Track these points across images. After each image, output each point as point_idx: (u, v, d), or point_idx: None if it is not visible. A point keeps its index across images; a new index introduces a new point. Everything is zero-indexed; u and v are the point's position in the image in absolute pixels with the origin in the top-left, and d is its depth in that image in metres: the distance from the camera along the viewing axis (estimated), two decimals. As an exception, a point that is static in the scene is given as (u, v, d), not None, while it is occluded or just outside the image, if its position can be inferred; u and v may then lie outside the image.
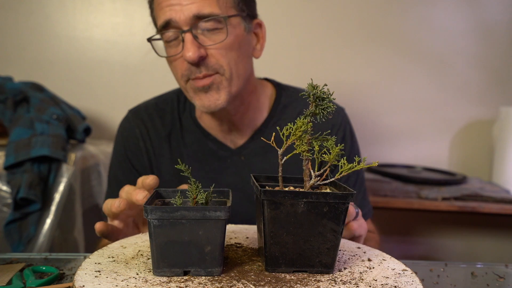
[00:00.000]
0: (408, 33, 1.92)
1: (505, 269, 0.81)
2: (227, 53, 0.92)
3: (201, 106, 0.94)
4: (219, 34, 0.91)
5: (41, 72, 1.84)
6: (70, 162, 1.36)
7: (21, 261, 0.75)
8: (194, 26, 0.90)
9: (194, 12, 0.88)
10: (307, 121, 0.59)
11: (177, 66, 0.94)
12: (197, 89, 0.93)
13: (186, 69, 0.92)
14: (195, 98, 0.95)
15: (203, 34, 0.91)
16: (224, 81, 0.93)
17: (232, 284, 0.54)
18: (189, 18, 0.89)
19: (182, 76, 0.94)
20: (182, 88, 0.98)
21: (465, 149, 1.98)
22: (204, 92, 0.93)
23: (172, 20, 0.89)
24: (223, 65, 0.92)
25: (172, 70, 0.98)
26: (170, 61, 0.96)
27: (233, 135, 1.06)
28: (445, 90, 1.95)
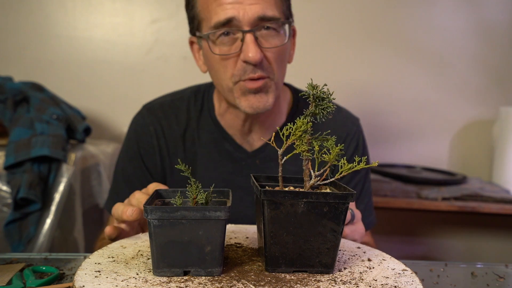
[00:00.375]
0: (408, 33, 1.92)
1: (505, 269, 0.81)
2: (279, 57, 0.93)
3: (248, 107, 0.93)
4: (276, 38, 0.92)
5: (41, 72, 1.84)
6: (70, 162, 1.36)
7: (21, 261, 0.75)
8: (256, 27, 0.89)
9: (259, 13, 0.88)
10: (307, 121, 0.59)
11: (228, 65, 0.92)
12: (247, 91, 0.92)
13: (240, 69, 0.91)
14: (242, 99, 0.93)
15: (261, 35, 0.90)
16: (273, 85, 0.94)
17: (232, 284, 0.54)
18: (253, 19, 0.88)
19: (233, 76, 0.92)
20: (226, 88, 0.95)
21: (465, 149, 1.98)
22: (254, 94, 0.92)
23: (235, 18, 0.88)
24: (274, 69, 0.93)
25: (219, 69, 0.94)
26: (219, 60, 0.93)
27: (251, 136, 1.05)
28: (445, 90, 1.95)
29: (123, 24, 1.87)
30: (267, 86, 0.93)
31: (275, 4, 0.91)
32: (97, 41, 1.87)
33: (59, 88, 1.72)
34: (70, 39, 1.86)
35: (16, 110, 1.43)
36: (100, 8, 1.85)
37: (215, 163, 1.04)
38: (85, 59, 1.87)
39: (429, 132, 1.97)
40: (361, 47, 1.92)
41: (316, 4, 1.88)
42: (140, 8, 1.86)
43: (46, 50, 1.86)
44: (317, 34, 1.90)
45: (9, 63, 1.85)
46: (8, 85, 1.47)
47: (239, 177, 1.03)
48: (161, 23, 1.87)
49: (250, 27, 0.88)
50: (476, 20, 1.91)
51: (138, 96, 1.89)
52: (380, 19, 1.91)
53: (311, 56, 1.91)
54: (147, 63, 1.88)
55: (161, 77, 1.89)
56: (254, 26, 0.89)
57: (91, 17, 1.85)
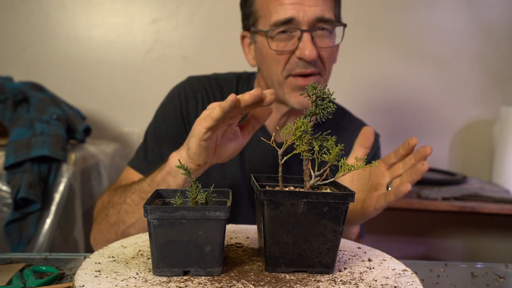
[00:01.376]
0: (408, 33, 1.92)
1: (505, 269, 0.81)
2: (331, 58, 0.99)
3: (298, 103, 0.96)
4: (330, 38, 0.98)
5: (41, 72, 1.84)
6: (70, 162, 1.36)
7: (21, 261, 0.75)
8: (314, 28, 0.94)
9: (318, 14, 0.93)
10: (307, 121, 0.59)
11: (281, 60, 0.96)
12: (296, 87, 0.96)
13: (292, 63, 0.95)
14: (292, 95, 0.97)
15: (317, 35, 0.95)
16: (323, 82, 0.98)
17: (231, 284, 0.54)
18: (312, 19, 0.93)
19: (284, 70, 0.96)
20: (277, 83, 0.98)
21: (465, 149, 1.98)
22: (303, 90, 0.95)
23: (295, 18, 0.93)
24: (325, 68, 0.98)
25: (271, 63, 0.98)
26: (272, 55, 0.97)
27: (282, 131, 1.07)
28: (445, 90, 1.95)
29: (123, 24, 1.87)
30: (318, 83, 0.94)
31: (331, 7, 0.97)
32: (97, 41, 1.87)
33: (59, 88, 1.72)
34: (70, 39, 1.86)
35: (16, 110, 1.43)
36: (100, 8, 1.85)
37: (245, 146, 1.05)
38: (85, 59, 1.87)
39: (429, 132, 1.97)
40: (361, 47, 1.92)
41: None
42: (140, 8, 1.86)
43: (46, 50, 1.86)
44: (317, 34, 1.90)
45: (9, 63, 1.85)
46: (8, 85, 1.47)
47: (262, 164, 1.07)
48: (161, 23, 1.87)
49: (308, 27, 0.93)
50: (476, 20, 1.91)
51: (138, 96, 1.90)
52: (380, 19, 1.91)
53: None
54: (147, 63, 1.88)
55: (161, 77, 1.89)
56: (311, 26, 0.94)
57: (91, 17, 1.85)
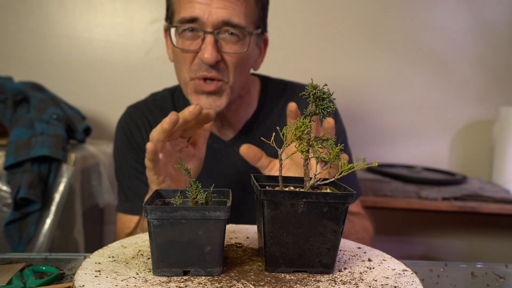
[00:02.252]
0: (408, 33, 1.92)
1: (505, 269, 0.81)
2: (238, 63, 0.96)
3: None
4: (237, 44, 0.94)
5: (41, 72, 1.84)
6: (70, 162, 1.36)
7: (21, 261, 0.75)
8: (218, 31, 0.92)
9: (224, 18, 0.91)
10: (307, 121, 0.59)
11: (187, 59, 0.95)
12: (199, 91, 0.95)
13: (196, 64, 0.94)
14: (193, 97, 0.96)
15: (223, 39, 0.93)
16: (228, 88, 0.96)
17: (231, 284, 0.54)
18: (217, 22, 0.91)
19: (189, 71, 0.95)
20: (183, 81, 0.98)
21: (465, 149, 1.98)
22: (206, 95, 0.95)
23: (200, 19, 0.91)
24: (230, 74, 0.95)
25: (179, 60, 0.97)
26: (179, 52, 0.96)
27: (226, 129, 1.09)
28: (445, 90, 1.95)
29: (123, 24, 1.87)
30: (221, 89, 0.95)
31: (244, 13, 0.93)
32: (97, 41, 1.87)
33: (59, 88, 1.72)
34: (70, 39, 1.86)
35: (16, 110, 1.43)
36: (100, 8, 1.85)
37: None
38: (85, 59, 1.87)
39: (429, 132, 1.97)
40: (361, 47, 1.92)
41: (315, 4, 1.89)
42: (140, 8, 1.86)
43: (46, 50, 1.86)
44: (317, 34, 1.90)
45: (9, 63, 1.85)
46: (8, 85, 1.47)
47: (220, 167, 1.07)
48: (161, 23, 1.87)
49: (213, 29, 0.91)
50: (476, 20, 1.91)
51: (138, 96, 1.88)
52: (380, 19, 1.91)
53: (311, 56, 1.91)
54: (147, 63, 1.88)
55: (161, 77, 1.89)
56: (217, 29, 0.91)
57: (91, 17, 1.85)
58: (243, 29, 0.93)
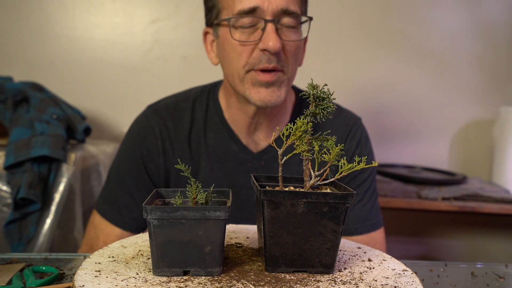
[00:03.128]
0: (408, 33, 1.92)
1: (505, 269, 0.81)
2: (295, 53, 0.95)
3: (259, 99, 0.93)
4: (295, 33, 0.94)
5: (41, 72, 1.84)
6: (70, 162, 1.36)
7: (21, 261, 0.75)
8: (278, 19, 0.90)
9: (283, 5, 0.90)
10: (307, 121, 0.59)
11: (244, 53, 0.92)
12: (257, 82, 0.92)
13: (255, 57, 0.91)
14: (252, 91, 0.93)
15: (281, 28, 0.92)
16: (286, 79, 0.94)
17: (231, 284, 0.54)
18: (277, 10, 0.90)
19: (247, 64, 0.92)
20: (238, 78, 0.94)
21: (465, 149, 1.98)
22: (265, 87, 0.92)
23: (259, 8, 0.89)
24: (289, 64, 0.93)
25: (233, 57, 0.94)
26: (235, 47, 0.93)
27: (257, 135, 1.04)
28: (445, 90, 1.95)
29: (123, 24, 1.87)
30: (280, 80, 0.93)
31: (297, 1, 0.93)
32: (97, 41, 1.87)
33: (59, 88, 1.72)
34: (70, 39, 1.86)
35: (16, 110, 1.43)
36: (100, 8, 1.85)
37: (221, 164, 1.03)
38: (85, 59, 1.87)
39: (429, 132, 1.97)
40: (361, 47, 1.92)
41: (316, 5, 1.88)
42: (140, 8, 1.86)
43: (46, 50, 1.86)
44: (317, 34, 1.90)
45: (9, 63, 1.85)
46: (8, 85, 1.47)
47: (244, 178, 1.01)
48: (161, 23, 1.87)
49: (273, 18, 0.90)
50: (476, 20, 1.91)
51: (138, 96, 1.90)
52: (380, 19, 1.91)
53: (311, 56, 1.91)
54: (147, 63, 1.88)
55: (161, 77, 1.89)
56: (276, 17, 0.90)
57: (91, 17, 1.85)
58: (299, 16, 0.93)
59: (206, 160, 1.03)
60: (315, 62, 1.92)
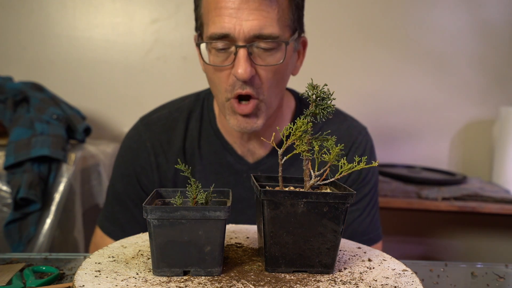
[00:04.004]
0: (408, 33, 1.92)
1: (505, 269, 0.81)
2: (274, 76, 0.89)
3: (236, 126, 0.91)
4: (273, 55, 0.88)
5: (41, 72, 1.84)
6: (70, 162, 1.36)
7: (21, 261, 0.75)
8: (251, 44, 0.85)
9: (256, 31, 0.84)
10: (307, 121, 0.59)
11: (222, 78, 0.89)
12: (234, 111, 0.90)
13: (230, 84, 0.88)
14: (231, 117, 0.91)
15: (256, 52, 0.87)
16: (263, 106, 0.90)
17: (231, 284, 0.54)
18: (248, 36, 0.84)
19: (225, 91, 0.89)
20: (220, 101, 0.92)
21: (465, 149, 1.98)
22: (243, 116, 0.90)
23: (230, 34, 0.85)
24: (265, 90, 0.89)
25: (214, 79, 0.91)
26: (213, 70, 0.90)
27: (252, 144, 1.01)
28: (445, 90, 1.95)
29: (123, 24, 1.87)
30: (257, 109, 0.90)
31: (277, 19, 0.86)
32: (97, 41, 1.87)
33: (59, 88, 1.72)
34: (70, 39, 1.86)
35: (16, 110, 1.43)
36: (100, 8, 1.85)
37: (216, 175, 1.01)
38: (85, 59, 1.87)
39: (429, 132, 1.97)
40: (361, 47, 1.92)
41: (316, 5, 1.88)
42: (140, 8, 1.86)
43: (46, 50, 1.86)
44: (316, 35, 1.90)
45: (9, 63, 1.85)
46: (8, 85, 1.47)
47: (240, 189, 0.99)
48: (161, 23, 1.87)
49: (245, 43, 0.85)
50: (476, 20, 1.91)
51: (138, 96, 1.90)
52: (380, 19, 1.91)
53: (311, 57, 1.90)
54: (147, 63, 1.88)
55: (161, 77, 1.89)
56: (249, 42, 0.85)
57: (91, 17, 1.85)
58: (277, 38, 0.86)
59: (201, 172, 1.01)
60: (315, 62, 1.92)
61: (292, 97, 1.08)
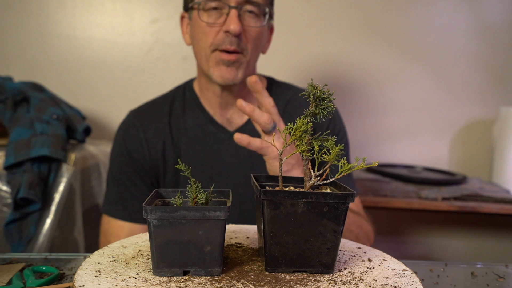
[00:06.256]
0: (408, 33, 1.92)
1: (505, 269, 0.81)
2: (256, 39, 1.05)
3: (219, 76, 1.03)
4: (257, 19, 1.04)
5: (41, 72, 1.84)
6: (70, 162, 1.36)
7: (21, 261, 0.75)
8: (241, 6, 1.01)
9: None
10: (307, 121, 0.59)
11: (209, 34, 1.02)
12: (220, 61, 1.02)
13: (219, 38, 1.01)
14: (215, 68, 1.03)
15: (244, 14, 1.03)
16: (245, 62, 1.04)
17: (231, 284, 0.54)
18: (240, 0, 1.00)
19: (212, 44, 1.02)
20: (204, 56, 1.05)
21: (465, 149, 1.98)
22: (226, 66, 1.02)
23: None
24: (248, 48, 1.03)
25: (201, 38, 1.04)
26: (202, 27, 1.03)
27: (230, 114, 1.13)
28: (445, 90, 1.95)
29: (123, 24, 1.87)
30: (239, 61, 1.03)
31: None
32: (97, 41, 1.86)
33: (59, 88, 1.72)
34: (70, 39, 1.86)
35: (16, 110, 1.43)
36: (100, 8, 1.85)
37: (201, 145, 1.11)
38: (85, 59, 1.87)
39: (429, 132, 1.97)
40: (361, 47, 1.92)
41: (316, 4, 1.88)
42: (140, 8, 1.86)
43: (46, 50, 1.86)
44: (316, 34, 1.90)
45: (9, 63, 1.85)
46: (8, 85, 1.47)
47: (224, 156, 1.11)
48: (161, 23, 1.87)
49: (236, 5, 1.00)
50: (476, 20, 1.91)
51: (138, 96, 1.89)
52: (380, 19, 1.91)
53: (310, 56, 1.91)
54: (147, 63, 1.88)
55: (161, 77, 1.89)
56: (240, 4, 1.01)
57: (91, 17, 1.85)
58: (261, 6, 1.03)
59: (187, 143, 1.12)
60: (315, 62, 1.92)
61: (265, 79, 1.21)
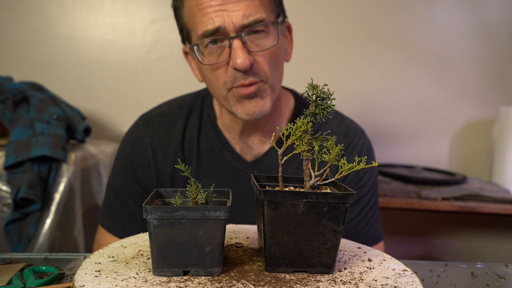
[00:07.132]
0: (408, 33, 1.92)
1: (505, 269, 0.81)
2: (272, 59, 0.91)
3: (245, 113, 0.91)
4: (266, 39, 0.90)
5: (41, 72, 1.84)
6: (70, 162, 1.36)
7: (21, 261, 0.75)
8: (243, 32, 0.87)
9: (244, 20, 0.86)
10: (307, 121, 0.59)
11: (219, 74, 0.90)
12: (241, 97, 0.90)
13: (230, 76, 0.89)
14: (238, 106, 0.91)
15: (250, 40, 0.89)
16: (268, 88, 0.91)
17: (231, 284, 0.54)
18: (238, 25, 0.86)
19: (225, 84, 0.90)
20: (221, 97, 0.93)
21: (465, 149, 1.98)
22: (249, 99, 0.90)
23: (221, 27, 0.86)
24: (267, 72, 0.90)
25: (211, 78, 0.93)
26: (210, 69, 0.91)
27: (252, 141, 1.02)
28: (445, 90, 1.95)
29: (123, 24, 1.87)
30: (261, 90, 0.91)
31: (260, 5, 0.88)
32: (97, 41, 1.86)
33: (59, 88, 1.72)
34: (70, 39, 1.86)
35: (16, 110, 1.43)
36: (100, 8, 1.85)
37: (214, 171, 1.02)
38: (85, 59, 1.87)
39: (429, 132, 1.97)
40: (361, 47, 1.92)
41: (316, 4, 1.88)
42: (140, 8, 1.86)
43: (46, 50, 1.86)
44: (317, 35, 1.90)
45: (9, 63, 1.85)
46: (8, 85, 1.47)
47: (236, 187, 0.97)
48: (161, 23, 1.87)
49: (237, 33, 0.87)
50: (476, 20, 1.91)
51: (138, 96, 1.90)
52: (380, 19, 1.91)
53: (311, 57, 1.91)
54: (147, 63, 1.88)
55: (161, 77, 1.89)
56: (240, 31, 0.87)
57: (91, 17, 1.85)
58: (265, 21, 0.88)
59: (198, 168, 1.02)
60: (315, 62, 1.92)
61: (292, 96, 1.09)
